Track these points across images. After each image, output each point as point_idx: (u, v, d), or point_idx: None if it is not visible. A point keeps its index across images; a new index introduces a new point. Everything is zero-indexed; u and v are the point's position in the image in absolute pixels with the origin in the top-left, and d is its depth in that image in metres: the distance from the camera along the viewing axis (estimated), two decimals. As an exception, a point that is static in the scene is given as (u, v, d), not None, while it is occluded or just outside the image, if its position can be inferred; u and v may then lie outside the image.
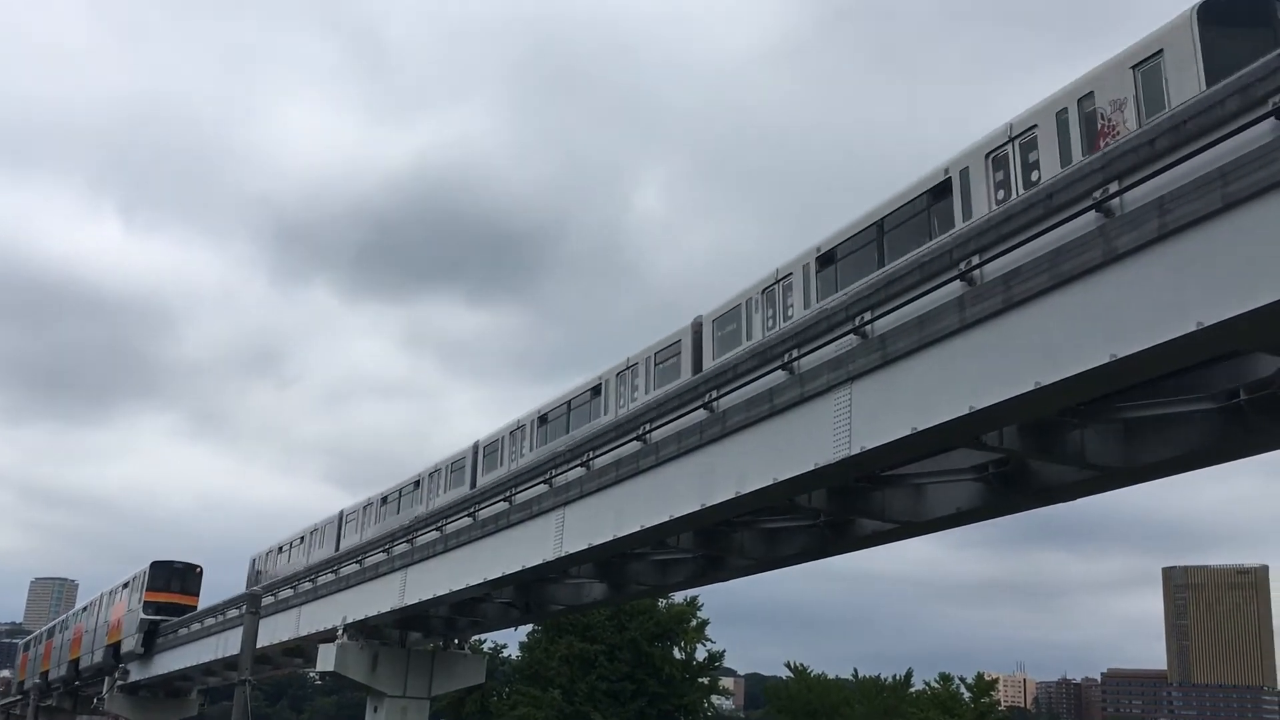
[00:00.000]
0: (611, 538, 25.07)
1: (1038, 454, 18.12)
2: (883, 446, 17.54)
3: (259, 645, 41.40)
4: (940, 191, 19.85)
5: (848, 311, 18.58)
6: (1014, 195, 17.47)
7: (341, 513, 47.54)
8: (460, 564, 32.74)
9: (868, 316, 18.06)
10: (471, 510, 32.39)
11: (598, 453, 26.11)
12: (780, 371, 19.98)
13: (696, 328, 26.72)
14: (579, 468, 26.77)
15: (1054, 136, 17.62)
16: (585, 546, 26.23)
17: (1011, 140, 18.38)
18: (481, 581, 31.34)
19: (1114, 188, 13.95)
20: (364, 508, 45.20)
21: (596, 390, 30.59)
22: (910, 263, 17.94)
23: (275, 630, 47.05)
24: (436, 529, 34.47)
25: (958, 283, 16.22)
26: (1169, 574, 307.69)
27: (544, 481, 28.37)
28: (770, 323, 23.95)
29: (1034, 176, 17.61)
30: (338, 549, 44.82)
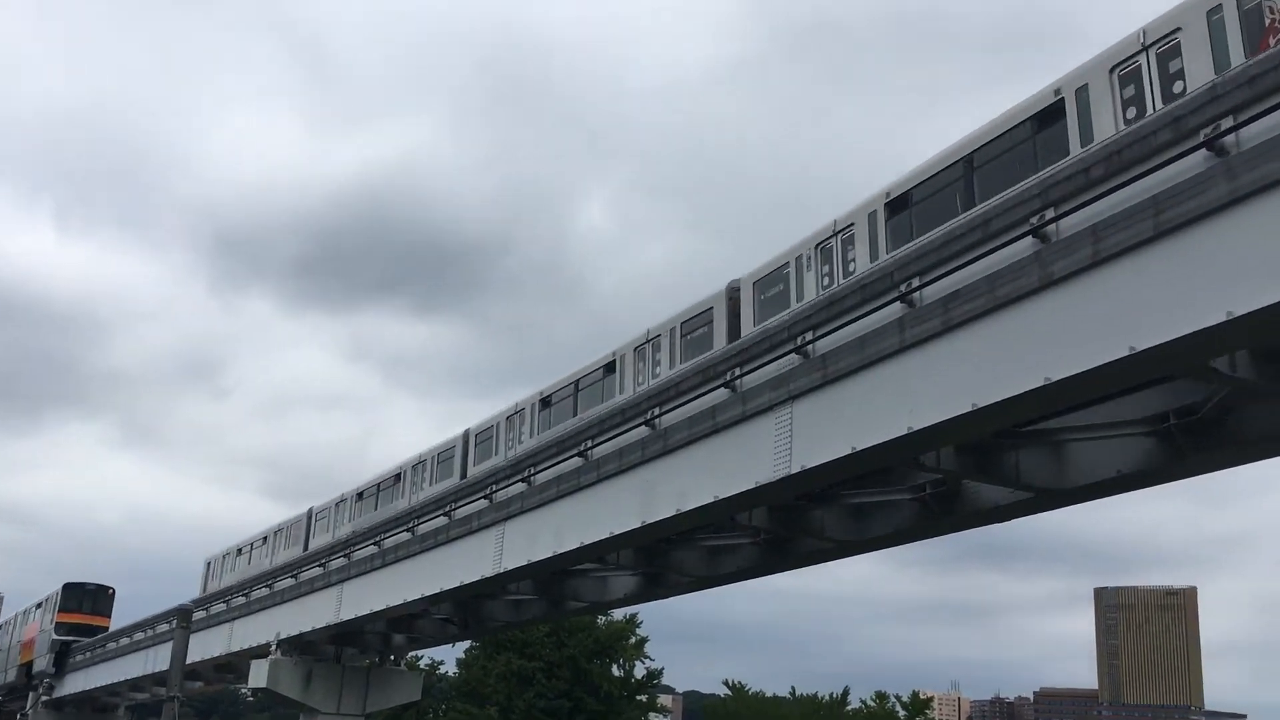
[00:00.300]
0: (551, 554, 24.98)
1: (974, 475, 18.35)
2: (822, 466, 17.67)
3: (189, 661, 40.67)
4: (1048, 116, 17.16)
5: (790, 331, 18.72)
6: (1149, 112, 15.13)
7: (311, 510, 44.68)
8: (398, 579, 32.41)
9: (810, 336, 18.21)
10: (418, 517, 32.10)
11: (539, 468, 26.03)
12: (723, 389, 20.07)
13: (732, 292, 24.08)
14: (520, 483, 26.66)
15: (1204, 40, 15.05)
16: (525, 563, 26.11)
17: (1145, 49, 15.85)
18: (419, 597, 31.06)
19: (1050, 214, 14.22)
20: (336, 505, 42.17)
21: (610, 367, 27.70)
22: (853, 282, 18.10)
23: (206, 645, 46.21)
24: (375, 543, 34.13)
25: (898, 304, 16.41)
26: (1100, 594, 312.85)
27: (484, 497, 28.21)
28: (826, 280, 21.18)
29: (1177, 88, 15.21)
30: (306, 549, 42.73)
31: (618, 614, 64.98)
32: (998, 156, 17.98)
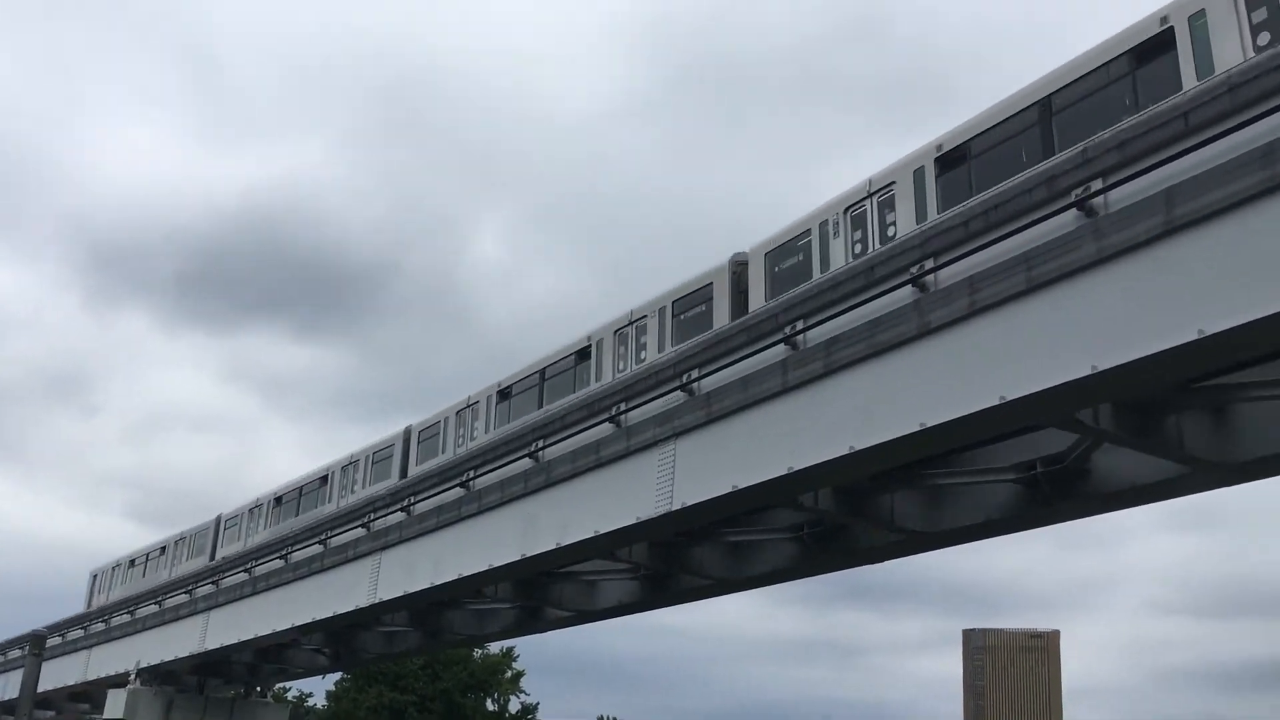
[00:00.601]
0: (428, 585, 24.61)
1: (851, 516, 18.71)
2: (704, 503, 17.80)
3: (41, 689, 38.85)
4: (1152, 50, 15.04)
5: (676, 368, 18.87)
6: None
7: (219, 518, 41.28)
8: (269, 608, 31.54)
9: (695, 374, 18.38)
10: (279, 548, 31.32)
11: (419, 498, 25.67)
12: (608, 424, 20.11)
13: (738, 265, 21.67)
14: (399, 512, 26.25)
15: None
16: (401, 594, 25.67)
17: None
18: (290, 627, 30.26)
19: (929, 264, 14.66)
20: (250, 510, 38.68)
21: (584, 354, 25.11)
22: (739, 324, 18.33)
23: (61, 673, 44.22)
24: (245, 570, 33.18)
25: (782, 346, 16.69)
26: (968, 636, 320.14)
27: (362, 525, 27.69)
28: (859, 248, 18.96)
29: None
30: (212, 559, 39.73)
31: (494, 647, 64.24)
32: (1084, 98, 15.88)
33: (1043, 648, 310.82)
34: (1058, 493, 16.61)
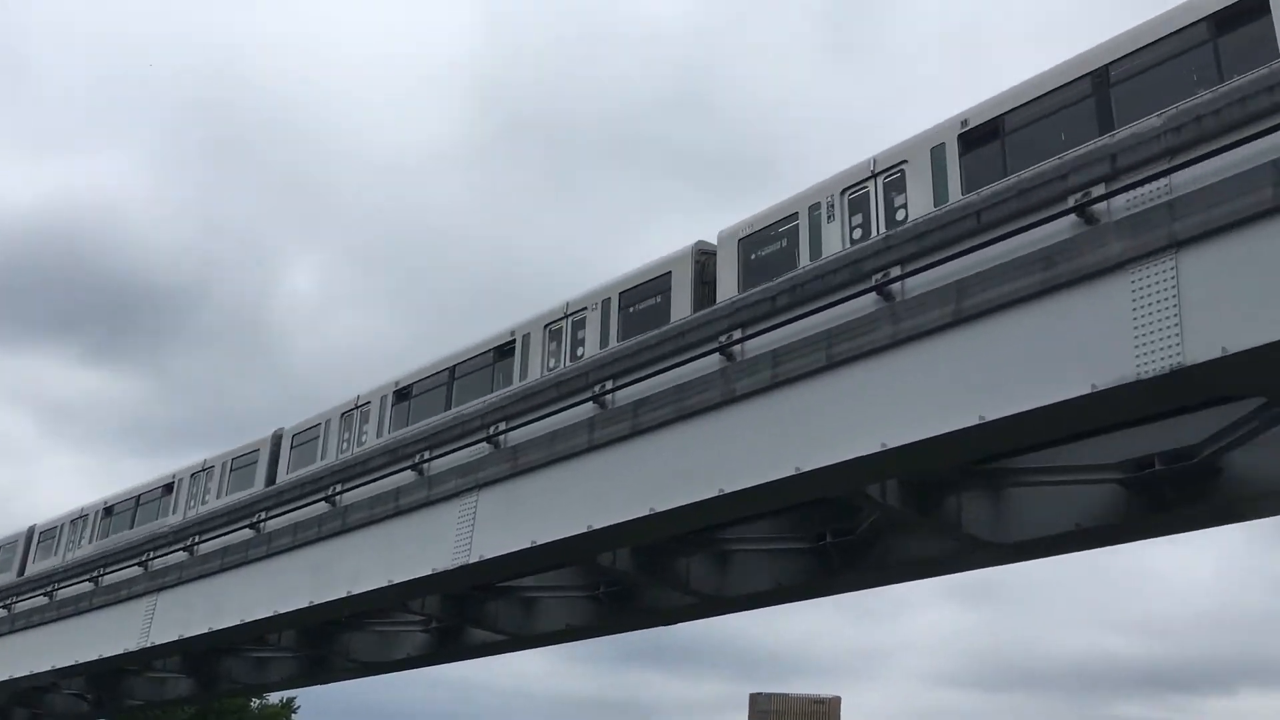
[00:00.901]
0: (206, 630, 23.51)
1: (648, 577, 18.89)
2: (502, 557, 17.66)
3: None
4: (1235, 16, 13.48)
5: (484, 419, 18.77)
6: None
7: (33, 529, 36.99)
8: (27, 648, 29.48)
9: (502, 426, 18.31)
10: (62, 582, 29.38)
11: (203, 538, 24.60)
12: (410, 471, 19.78)
13: (703, 254, 19.54)
14: (181, 551, 25.05)
15: None
16: (176, 638, 24.41)
17: None
18: (49, 669, 28.32)
19: (737, 334, 15.09)
20: (71, 522, 34.62)
21: (504, 350, 22.61)
22: (547, 379, 18.40)
23: None
24: (4, 607, 30.95)
25: (590, 404, 16.82)
26: (754, 699, 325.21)
27: (139, 564, 26.28)
28: (859, 233, 17.46)
29: None
30: (21, 575, 35.48)
31: (273, 696, 61.67)
32: (1149, 69, 14.48)
33: (825, 713, 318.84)
34: (845, 563, 17.20)
